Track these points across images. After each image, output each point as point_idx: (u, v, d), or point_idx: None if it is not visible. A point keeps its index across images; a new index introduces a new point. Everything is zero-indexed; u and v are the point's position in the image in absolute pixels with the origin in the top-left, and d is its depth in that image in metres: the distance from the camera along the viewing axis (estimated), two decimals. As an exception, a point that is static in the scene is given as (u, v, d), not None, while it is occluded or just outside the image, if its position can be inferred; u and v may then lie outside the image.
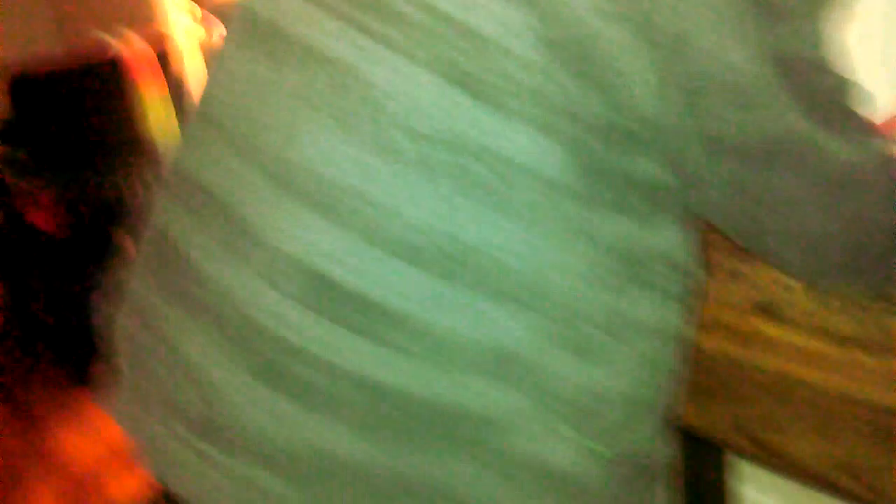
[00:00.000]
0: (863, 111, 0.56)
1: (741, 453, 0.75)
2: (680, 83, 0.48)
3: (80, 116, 2.40)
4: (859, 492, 0.66)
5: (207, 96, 0.62)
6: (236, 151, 0.57)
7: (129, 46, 2.41)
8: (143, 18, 2.85)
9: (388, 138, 0.50)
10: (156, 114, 2.47)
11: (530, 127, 0.49)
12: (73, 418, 2.47)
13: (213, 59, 0.64)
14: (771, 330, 0.70)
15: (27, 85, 2.30)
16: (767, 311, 0.72)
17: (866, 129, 0.55)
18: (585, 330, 0.54)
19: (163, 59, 2.48)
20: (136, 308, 0.65)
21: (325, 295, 0.52)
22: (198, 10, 2.80)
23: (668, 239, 0.57)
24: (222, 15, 2.81)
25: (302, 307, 0.53)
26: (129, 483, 2.14)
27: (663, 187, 0.54)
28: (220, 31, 2.78)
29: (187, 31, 2.72)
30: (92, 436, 2.37)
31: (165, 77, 2.49)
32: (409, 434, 0.53)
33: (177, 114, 2.53)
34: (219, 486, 0.58)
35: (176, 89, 2.52)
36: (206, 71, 0.65)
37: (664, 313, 0.58)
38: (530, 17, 0.48)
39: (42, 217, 2.60)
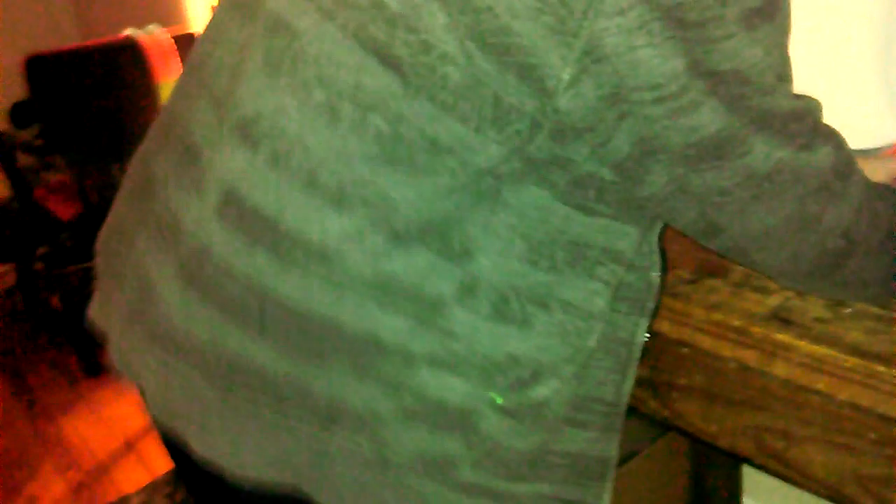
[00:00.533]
0: (812, 120, 0.59)
1: (750, 461, 0.75)
2: (600, 84, 0.51)
3: (96, 99, 2.39)
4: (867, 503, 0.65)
5: (196, 49, 0.71)
6: (200, 90, 0.67)
7: (149, 35, 2.41)
8: (164, 11, 2.86)
9: (303, 83, 0.57)
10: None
11: (449, 112, 0.54)
12: (86, 408, 2.48)
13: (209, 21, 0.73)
14: (784, 338, 0.69)
15: (43, 65, 2.29)
16: (781, 318, 0.71)
17: (812, 134, 0.58)
18: (505, 293, 0.59)
19: (181, 45, 2.48)
20: (115, 221, 0.75)
21: (234, 207, 0.60)
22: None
23: (607, 230, 0.61)
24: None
25: (217, 216, 0.61)
26: (140, 475, 2.15)
27: (601, 181, 0.57)
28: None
29: (206, 17, 2.72)
30: (104, 427, 2.38)
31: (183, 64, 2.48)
32: (308, 346, 0.59)
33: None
34: (153, 373, 0.66)
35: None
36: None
37: (592, 297, 0.62)
38: (445, 10, 0.52)
39: (55, 201, 2.60)
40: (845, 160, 0.61)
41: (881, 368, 0.64)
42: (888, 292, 0.69)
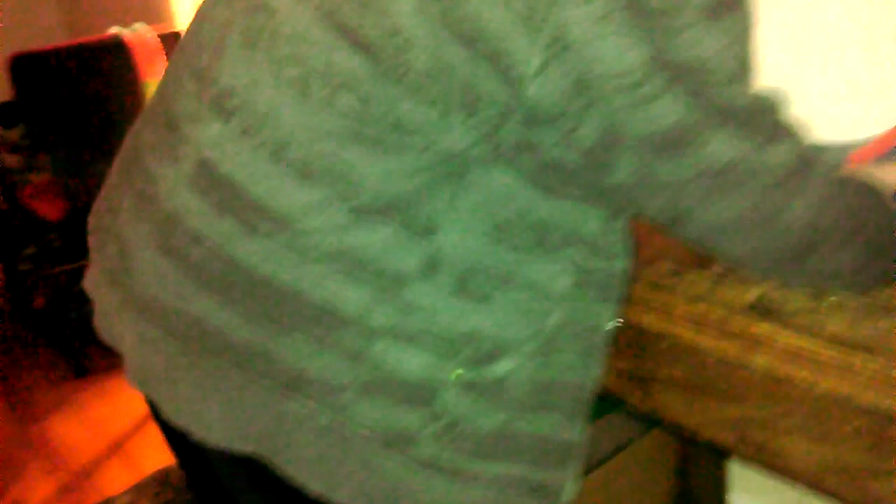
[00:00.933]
0: (774, 113, 0.59)
1: (733, 452, 0.75)
2: (567, 72, 0.53)
3: (82, 99, 2.38)
4: (852, 495, 0.65)
5: (186, 30, 0.73)
6: (185, 68, 0.69)
7: (134, 33, 2.40)
8: (150, 9, 2.85)
9: (277, 60, 0.59)
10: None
11: (417, 95, 0.55)
12: (71, 409, 2.47)
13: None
14: (765, 329, 0.69)
15: (28, 64, 2.28)
16: (762, 310, 0.71)
17: (773, 128, 0.59)
18: (469, 270, 0.60)
19: (167, 44, 2.47)
20: (105, 193, 0.77)
21: (206, 176, 0.62)
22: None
23: (573, 213, 0.62)
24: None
25: (190, 185, 0.63)
26: (126, 476, 2.14)
27: (569, 165, 0.58)
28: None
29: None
30: (90, 428, 2.37)
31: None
32: (271, 313, 0.61)
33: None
34: (129, 337, 0.68)
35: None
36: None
37: (556, 277, 0.63)
38: None
39: (41, 201, 2.59)
40: (807, 154, 0.61)
41: (861, 358, 0.64)
42: (862, 281, 0.69)
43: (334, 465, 0.63)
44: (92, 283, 0.76)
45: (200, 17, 0.71)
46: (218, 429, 0.65)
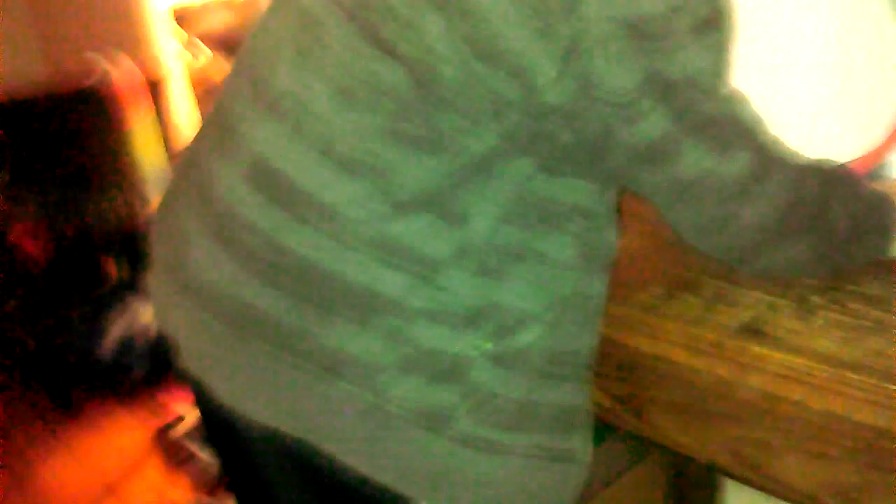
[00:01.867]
0: (740, 124, 0.65)
1: (730, 473, 0.75)
2: (576, 77, 0.59)
3: (67, 141, 2.39)
4: (849, 513, 0.66)
5: (244, 42, 0.79)
6: (242, 77, 0.75)
7: (117, 70, 2.41)
8: (131, 43, 2.86)
9: (326, 68, 0.65)
10: (143, 139, 2.47)
11: (450, 106, 0.61)
12: (62, 449, 2.44)
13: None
14: (758, 349, 0.70)
15: (13, 110, 2.29)
16: (753, 330, 0.72)
17: (736, 138, 0.65)
18: (488, 250, 0.65)
19: (151, 84, 2.48)
20: (167, 194, 0.82)
21: (260, 171, 0.68)
22: (185, 35, 2.81)
23: (573, 188, 0.67)
24: (210, 40, 2.81)
25: (245, 180, 0.68)
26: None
27: (575, 148, 0.64)
28: (207, 56, 2.79)
29: (176, 57, 2.72)
30: (82, 468, 2.34)
31: (153, 102, 2.48)
32: (315, 298, 0.65)
33: (164, 140, 2.52)
34: (184, 323, 0.73)
35: (164, 115, 2.52)
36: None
37: (563, 248, 0.68)
38: (444, 18, 0.59)
39: (26, 242, 2.58)
40: (764, 162, 0.66)
41: (853, 376, 0.65)
42: (822, 269, 0.76)
43: (377, 447, 0.66)
44: (151, 274, 0.80)
45: (257, 30, 0.76)
46: (264, 410, 0.69)
